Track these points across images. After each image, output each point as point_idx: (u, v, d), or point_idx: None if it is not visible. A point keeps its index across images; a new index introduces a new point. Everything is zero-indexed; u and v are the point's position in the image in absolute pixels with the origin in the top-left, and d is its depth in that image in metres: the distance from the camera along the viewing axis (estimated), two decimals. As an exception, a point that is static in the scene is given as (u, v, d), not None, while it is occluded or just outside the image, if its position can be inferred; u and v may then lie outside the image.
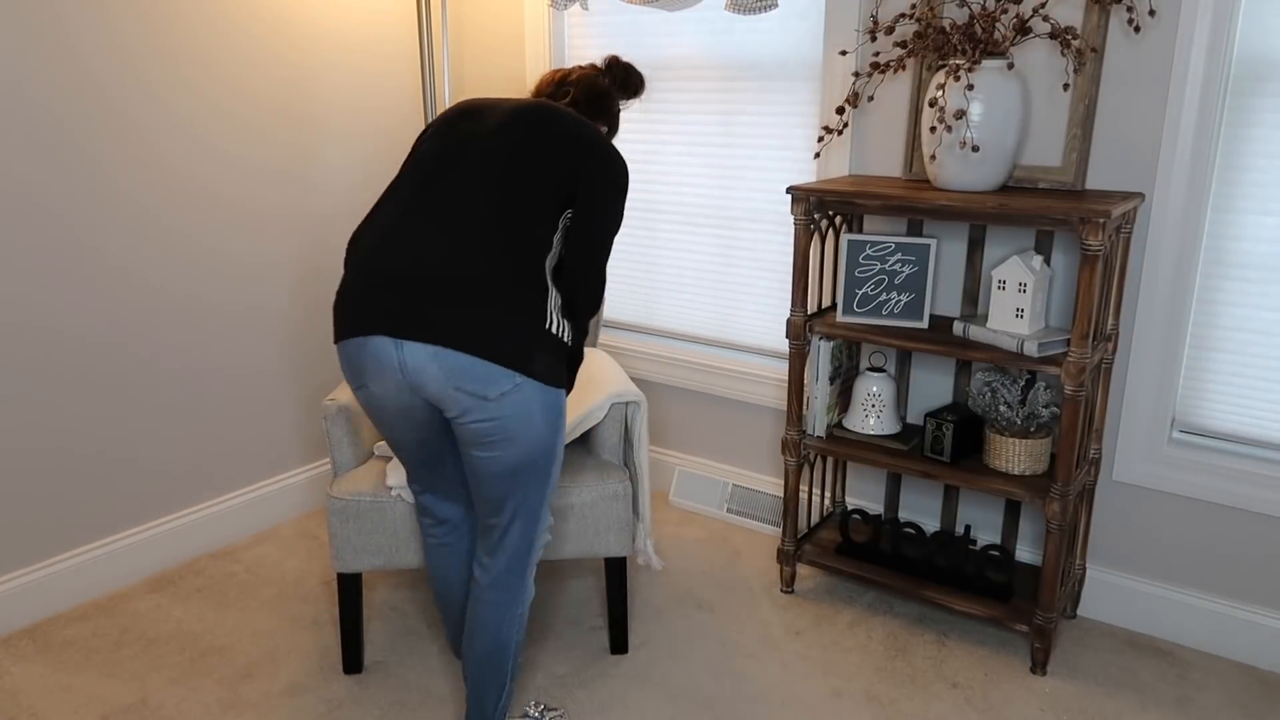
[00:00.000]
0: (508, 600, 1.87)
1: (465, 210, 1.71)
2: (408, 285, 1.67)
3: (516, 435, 1.74)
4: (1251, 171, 2.17)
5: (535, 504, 1.83)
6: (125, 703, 2.20)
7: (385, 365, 1.70)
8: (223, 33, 2.64)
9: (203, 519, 2.84)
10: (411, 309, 1.66)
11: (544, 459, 1.79)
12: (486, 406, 1.70)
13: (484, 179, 1.74)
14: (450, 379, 1.68)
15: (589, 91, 1.99)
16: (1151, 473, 2.39)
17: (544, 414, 1.75)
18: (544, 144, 1.78)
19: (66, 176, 2.39)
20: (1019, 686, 2.27)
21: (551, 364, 1.74)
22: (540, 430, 1.76)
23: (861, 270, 2.42)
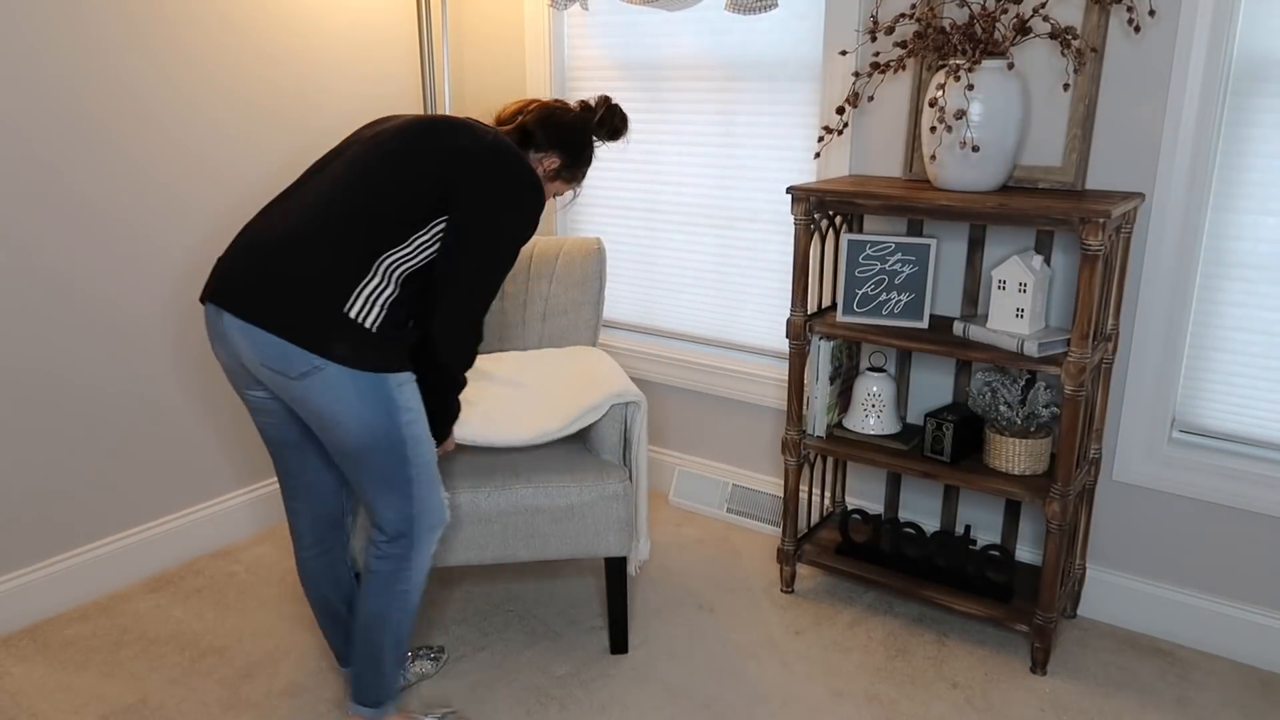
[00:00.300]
0: (388, 573, 1.89)
1: (317, 198, 1.79)
2: (240, 259, 1.76)
3: (339, 418, 1.75)
4: (1251, 171, 2.17)
5: (396, 483, 1.83)
6: (125, 703, 2.20)
7: (216, 336, 1.80)
8: (222, 32, 2.64)
9: (203, 519, 2.84)
10: (232, 280, 1.75)
11: (387, 442, 1.79)
12: (293, 385, 1.73)
13: (347, 173, 1.81)
14: (257, 354, 1.73)
15: (543, 118, 2.01)
16: (1151, 473, 2.39)
17: (361, 398, 1.74)
18: (421, 148, 1.81)
19: (47, 189, 2.39)
20: (1019, 686, 2.27)
21: (354, 349, 1.72)
22: (364, 414, 1.75)
23: (861, 270, 2.42)
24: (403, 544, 1.88)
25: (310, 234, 1.74)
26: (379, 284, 1.75)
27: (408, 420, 1.80)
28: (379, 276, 1.75)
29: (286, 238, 1.74)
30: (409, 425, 1.81)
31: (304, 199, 1.80)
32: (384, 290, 1.76)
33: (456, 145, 1.82)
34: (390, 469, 1.82)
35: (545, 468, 2.25)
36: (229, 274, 1.77)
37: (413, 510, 1.86)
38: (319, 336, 1.70)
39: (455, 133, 1.84)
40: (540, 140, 2.00)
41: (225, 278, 1.77)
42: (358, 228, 1.75)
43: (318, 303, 1.71)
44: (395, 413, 1.78)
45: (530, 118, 2.01)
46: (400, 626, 1.93)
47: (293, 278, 1.71)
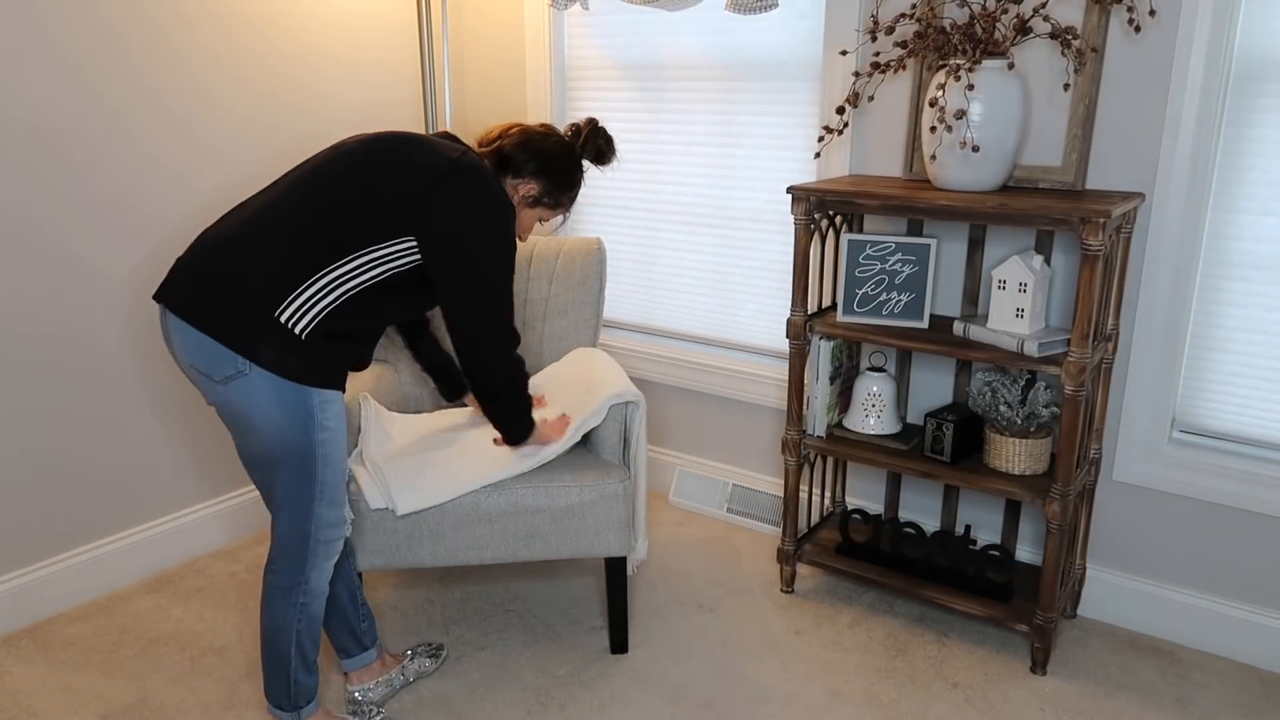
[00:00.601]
0: (283, 586, 1.88)
1: (270, 204, 1.79)
2: (187, 259, 1.78)
3: (256, 425, 1.76)
4: (1252, 171, 2.17)
5: (298, 499, 1.82)
6: (125, 703, 2.20)
7: (163, 335, 1.81)
8: (222, 33, 2.64)
9: (203, 519, 2.84)
10: (176, 279, 1.76)
11: (297, 456, 1.78)
12: (216, 389, 1.75)
13: (305, 181, 1.81)
14: (187, 354, 1.75)
15: (522, 143, 1.99)
16: (1151, 473, 2.39)
17: (282, 408, 1.74)
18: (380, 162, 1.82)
19: (60, 178, 2.39)
20: (1019, 686, 2.27)
21: (279, 354, 1.72)
22: (281, 425, 1.75)
23: (861, 270, 2.42)
24: (300, 554, 1.87)
25: (253, 237, 1.75)
26: (317, 294, 1.75)
27: (322, 439, 1.80)
28: (320, 287, 1.75)
29: (230, 240, 1.75)
30: (323, 444, 1.80)
31: (259, 204, 1.81)
32: (321, 300, 1.75)
33: (416, 162, 1.82)
34: (296, 484, 1.81)
35: (545, 468, 2.25)
36: (175, 273, 1.78)
37: (310, 527, 1.85)
38: (246, 338, 1.70)
39: (417, 149, 1.84)
40: (519, 164, 1.99)
41: (172, 277, 1.78)
42: (304, 236, 1.75)
43: (248, 304, 1.71)
44: (311, 428, 1.78)
45: (509, 142, 1.99)
46: (304, 637, 1.92)
47: (227, 279, 1.73)
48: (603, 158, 2.09)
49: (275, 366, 1.72)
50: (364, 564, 2.18)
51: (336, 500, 1.87)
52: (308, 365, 1.75)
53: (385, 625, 2.49)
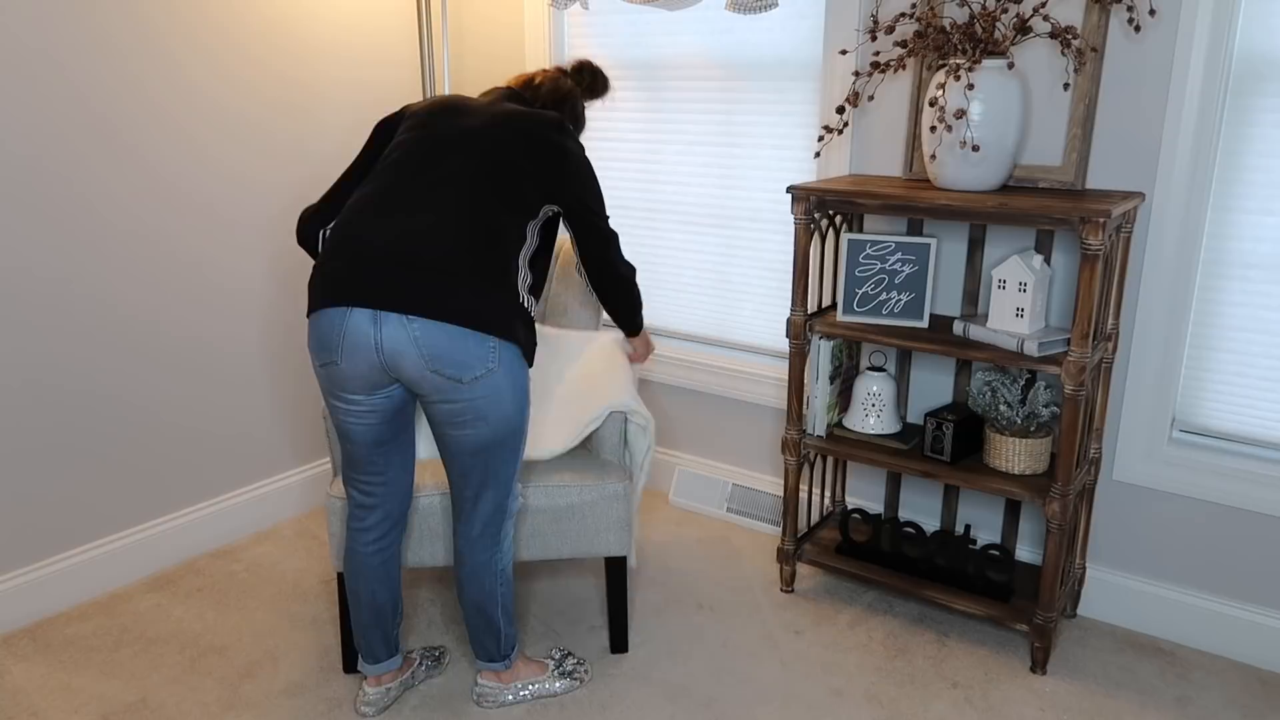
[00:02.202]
0: (485, 560, 2.02)
1: (448, 199, 1.83)
2: (390, 262, 1.76)
3: (487, 416, 1.85)
4: (1252, 171, 2.17)
5: (504, 475, 1.95)
6: (125, 702, 2.20)
7: (361, 344, 1.77)
8: (222, 33, 2.64)
9: (203, 519, 2.84)
10: (392, 283, 1.74)
11: (513, 438, 1.92)
12: (460, 389, 1.80)
13: (469, 172, 1.86)
14: (428, 362, 1.77)
15: (555, 95, 2.10)
16: (1151, 472, 2.39)
17: (513, 395, 1.87)
18: (525, 146, 1.90)
19: (56, 191, 2.39)
20: (1019, 686, 2.27)
21: (528, 334, 1.87)
22: (509, 412, 1.88)
23: (861, 270, 2.42)
24: (491, 533, 2.00)
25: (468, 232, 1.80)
26: (524, 275, 1.89)
27: (529, 415, 1.95)
28: (522, 267, 1.88)
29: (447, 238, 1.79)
30: (527, 422, 1.95)
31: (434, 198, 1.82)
32: (526, 278, 1.90)
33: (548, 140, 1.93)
34: (504, 462, 1.94)
35: (545, 468, 2.25)
36: (386, 276, 1.75)
37: (509, 500, 2.00)
38: (507, 324, 1.81)
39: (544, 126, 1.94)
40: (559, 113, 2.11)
41: (382, 281, 1.74)
42: (499, 224, 1.84)
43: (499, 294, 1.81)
44: (525, 407, 1.92)
45: (547, 95, 2.10)
46: (505, 596, 2.08)
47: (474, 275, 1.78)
48: (596, 93, 2.23)
49: (527, 346, 1.86)
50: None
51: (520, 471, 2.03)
52: (532, 342, 1.91)
53: (385, 625, 2.49)
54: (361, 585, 2.07)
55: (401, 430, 1.96)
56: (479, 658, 2.14)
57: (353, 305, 1.75)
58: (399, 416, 1.93)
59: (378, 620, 2.10)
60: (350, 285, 1.75)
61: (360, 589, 2.07)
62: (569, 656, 2.28)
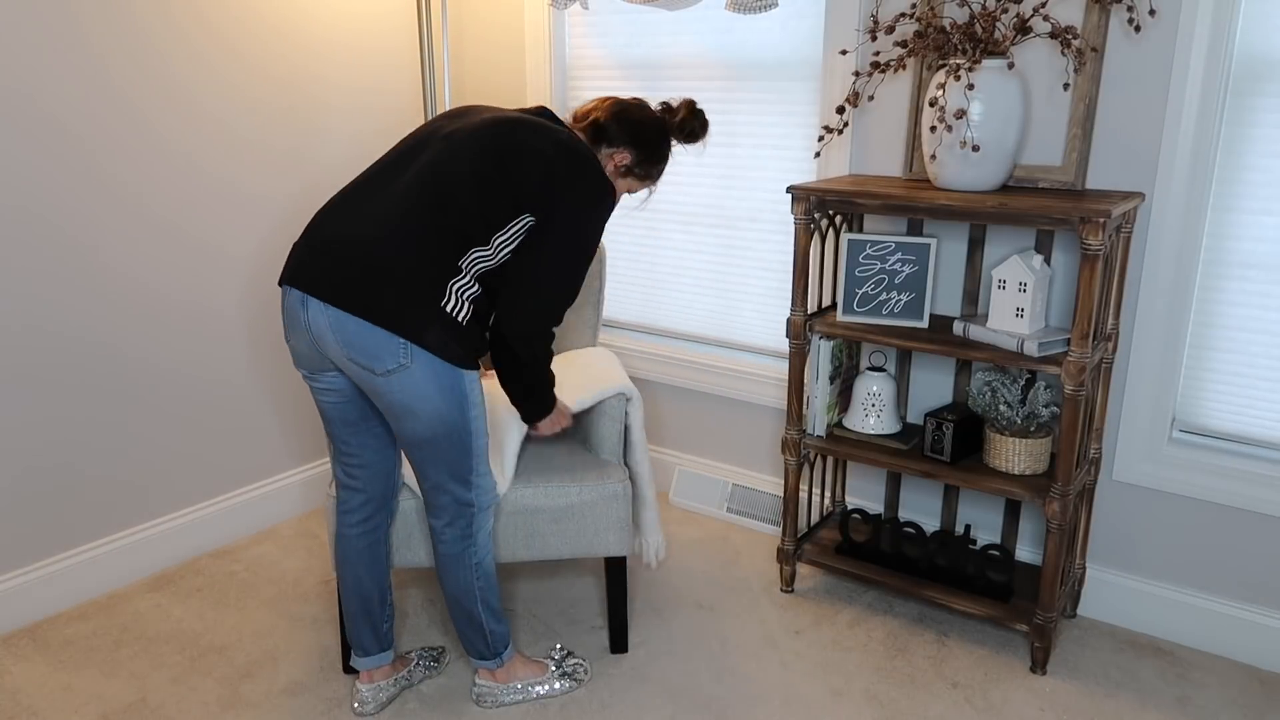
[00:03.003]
0: (457, 554, 2.03)
1: (402, 193, 1.83)
2: (327, 248, 1.82)
3: (416, 411, 1.85)
4: (1252, 171, 2.17)
5: (458, 472, 1.95)
6: (125, 702, 2.20)
7: (297, 322, 1.87)
8: (222, 33, 2.64)
9: (203, 519, 2.84)
10: (321, 269, 1.81)
11: (455, 434, 1.90)
12: (378, 380, 1.82)
13: (432, 169, 1.85)
14: (344, 348, 1.81)
15: (618, 113, 2.02)
16: (1151, 473, 2.39)
17: (441, 393, 1.85)
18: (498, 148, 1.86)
19: (65, 176, 2.39)
20: (1019, 686, 2.27)
21: (445, 340, 1.82)
22: (440, 408, 1.86)
23: (861, 270, 2.42)
24: (462, 526, 2.01)
25: (405, 230, 1.80)
26: (466, 281, 1.84)
27: (474, 415, 1.92)
28: (466, 274, 1.84)
29: (382, 232, 1.80)
30: (474, 420, 1.92)
31: (389, 194, 1.84)
32: (470, 288, 1.85)
33: (530, 145, 1.87)
34: (456, 459, 1.93)
35: (545, 467, 2.25)
36: (319, 263, 1.82)
37: (470, 494, 1.99)
38: (416, 327, 1.78)
39: (530, 132, 1.89)
40: (613, 134, 2.02)
41: (315, 267, 1.82)
42: (447, 227, 1.81)
43: (417, 296, 1.79)
44: (466, 407, 1.90)
45: (604, 112, 2.03)
46: (486, 591, 2.07)
47: (394, 271, 1.78)
48: (693, 137, 2.12)
49: (440, 351, 1.81)
50: (364, 564, 2.18)
51: (487, 466, 2.01)
52: (464, 351, 1.86)
53: (385, 625, 2.49)
54: (348, 570, 2.10)
55: (368, 414, 2.00)
56: (470, 655, 2.15)
57: (291, 287, 1.85)
58: (358, 400, 1.97)
59: (365, 609, 2.12)
60: (295, 268, 1.85)
61: (347, 574, 2.11)
62: (569, 656, 2.28)
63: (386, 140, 3.13)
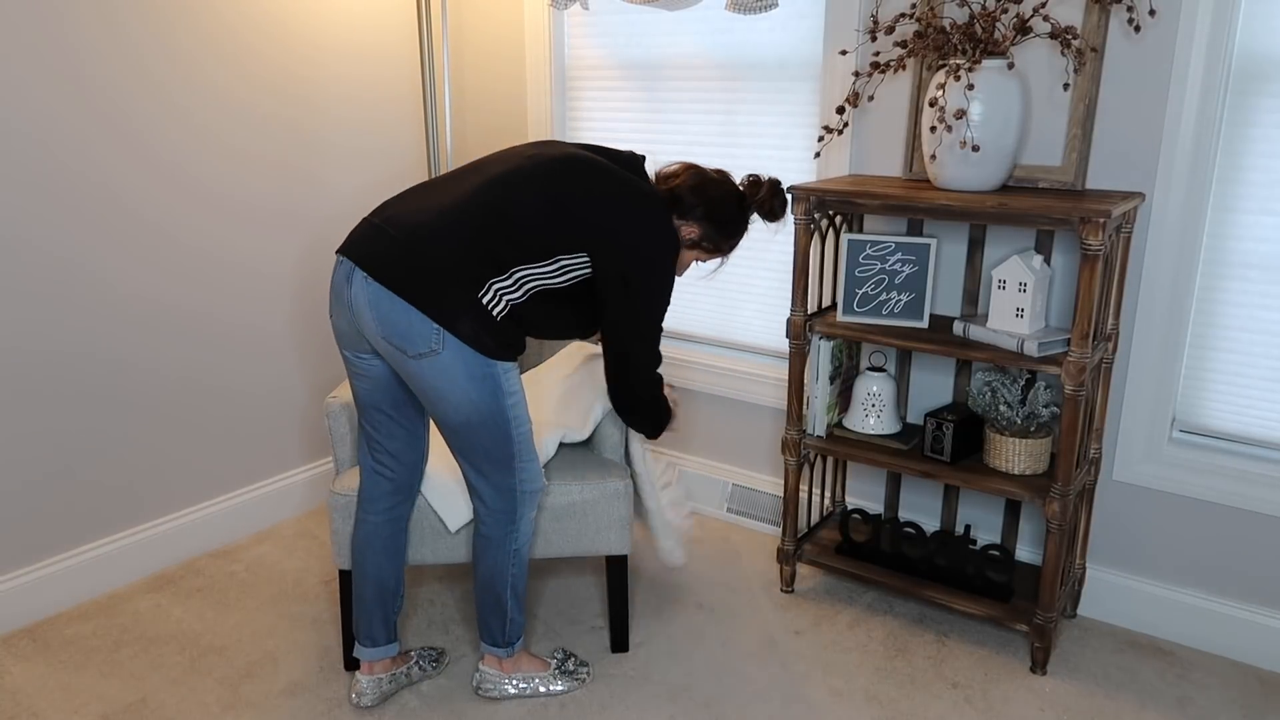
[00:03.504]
0: (499, 536, 2.05)
1: (469, 193, 1.89)
2: (385, 227, 1.87)
3: (446, 396, 1.88)
4: (1252, 171, 2.17)
5: (500, 458, 1.97)
6: (125, 702, 2.20)
7: (341, 296, 1.91)
8: (221, 35, 2.64)
9: (203, 519, 2.84)
10: (372, 244, 1.86)
11: (491, 422, 1.92)
12: (410, 363, 1.86)
13: (504, 180, 1.90)
14: (379, 324, 1.85)
15: (696, 186, 2.05)
16: (1151, 473, 2.39)
17: (470, 380, 1.87)
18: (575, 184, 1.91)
19: (66, 183, 2.39)
20: (1019, 686, 2.27)
21: (477, 331, 1.84)
22: (469, 393, 1.88)
23: (861, 270, 2.42)
24: (507, 511, 2.03)
25: (459, 224, 1.85)
26: (510, 286, 1.87)
27: (512, 403, 1.93)
28: (512, 280, 1.87)
29: (439, 222, 1.85)
30: (512, 407, 1.94)
31: (457, 192, 1.89)
32: (512, 293, 1.88)
33: (606, 189, 1.92)
34: (495, 445, 1.95)
35: (546, 467, 2.25)
36: (373, 239, 1.87)
37: (514, 481, 2.01)
38: (450, 313, 1.81)
39: (608, 177, 1.94)
40: (688, 206, 2.05)
41: (368, 241, 1.87)
42: (500, 235, 1.85)
43: (456, 284, 1.82)
44: (499, 395, 1.91)
45: (683, 183, 2.05)
46: (517, 579, 2.10)
47: (438, 258, 1.82)
48: (773, 215, 2.13)
49: (472, 341, 1.84)
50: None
51: (531, 454, 2.02)
52: (498, 344, 1.87)
53: (385, 625, 2.49)
54: (369, 557, 2.11)
55: (402, 403, 2.02)
56: (483, 639, 2.16)
57: (344, 256, 1.89)
58: (393, 388, 2.00)
59: (380, 596, 2.13)
60: (352, 240, 1.90)
61: (368, 562, 2.11)
62: (571, 658, 2.29)
63: (386, 140, 3.13)
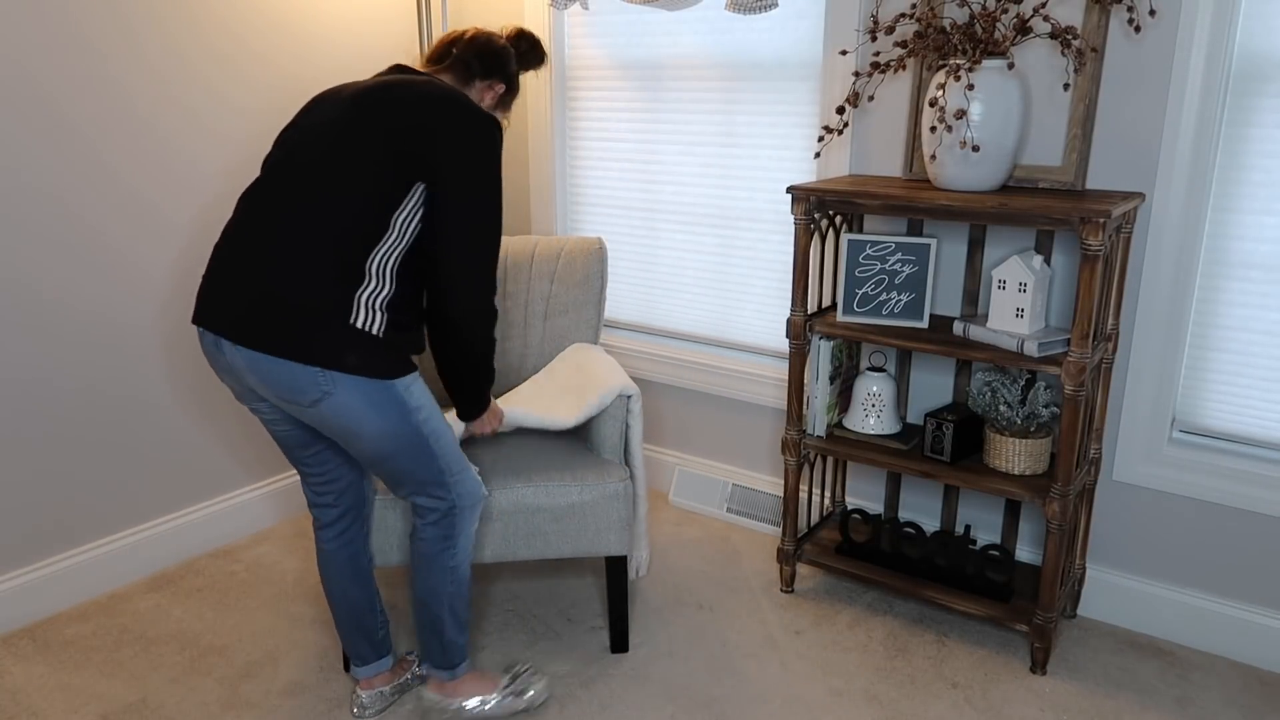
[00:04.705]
0: (435, 553, 1.96)
1: (289, 206, 1.73)
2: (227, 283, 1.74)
3: (358, 432, 1.78)
4: (1252, 171, 2.17)
5: (427, 479, 1.88)
6: (125, 702, 2.20)
7: (218, 363, 1.80)
8: (219, 33, 2.64)
9: (203, 519, 2.84)
10: (224, 306, 1.73)
11: (409, 445, 1.82)
12: (308, 412, 1.76)
13: (312, 173, 1.74)
14: (267, 387, 1.74)
15: (480, 49, 1.96)
16: (1151, 473, 2.39)
17: (374, 409, 1.76)
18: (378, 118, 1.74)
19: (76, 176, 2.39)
20: (1019, 686, 2.27)
21: (365, 358, 1.72)
22: (377, 424, 1.77)
23: (861, 270, 2.42)
24: (445, 525, 1.94)
25: (296, 247, 1.70)
26: (375, 286, 1.74)
27: (423, 419, 1.83)
28: (374, 278, 1.73)
29: (272, 255, 1.70)
30: (425, 423, 1.84)
31: (276, 207, 1.75)
32: (381, 292, 1.75)
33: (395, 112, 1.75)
34: (419, 468, 1.86)
35: (546, 467, 2.25)
36: (221, 297, 1.75)
37: (451, 495, 1.92)
38: (329, 354, 1.69)
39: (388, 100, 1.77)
40: (479, 69, 1.96)
41: (217, 301, 1.75)
42: (340, 230, 1.70)
43: (322, 322, 1.69)
44: (408, 414, 1.80)
45: (464, 49, 1.96)
46: (455, 599, 2.00)
47: (291, 299, 1.68)
48: (534, 64, 2.09)
49: (365, 370, 1.72)
50: (364, 564, 2.18)
51: (460, 464, 1.92)
52: (391, 362, 1.77)
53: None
54: (334, 585, 2.08)
55: (319, 435, 1.94)
56: (423, 659, 2.08)
57: (201, 328, 1.78)
58: (306, 425, 1.90)
59: (356, 620, 2.10)
60: (201, 307, 1.78)
61: (333, 589, 2.08)
62: (521, 675, 2.17)
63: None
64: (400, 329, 1.78)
